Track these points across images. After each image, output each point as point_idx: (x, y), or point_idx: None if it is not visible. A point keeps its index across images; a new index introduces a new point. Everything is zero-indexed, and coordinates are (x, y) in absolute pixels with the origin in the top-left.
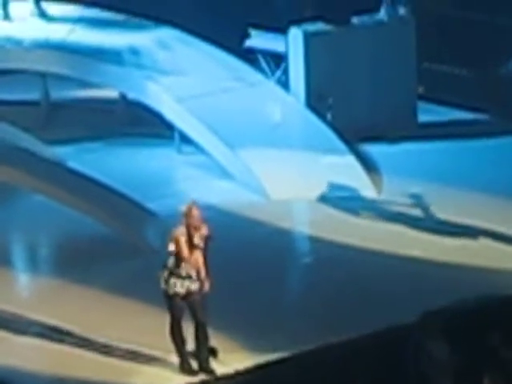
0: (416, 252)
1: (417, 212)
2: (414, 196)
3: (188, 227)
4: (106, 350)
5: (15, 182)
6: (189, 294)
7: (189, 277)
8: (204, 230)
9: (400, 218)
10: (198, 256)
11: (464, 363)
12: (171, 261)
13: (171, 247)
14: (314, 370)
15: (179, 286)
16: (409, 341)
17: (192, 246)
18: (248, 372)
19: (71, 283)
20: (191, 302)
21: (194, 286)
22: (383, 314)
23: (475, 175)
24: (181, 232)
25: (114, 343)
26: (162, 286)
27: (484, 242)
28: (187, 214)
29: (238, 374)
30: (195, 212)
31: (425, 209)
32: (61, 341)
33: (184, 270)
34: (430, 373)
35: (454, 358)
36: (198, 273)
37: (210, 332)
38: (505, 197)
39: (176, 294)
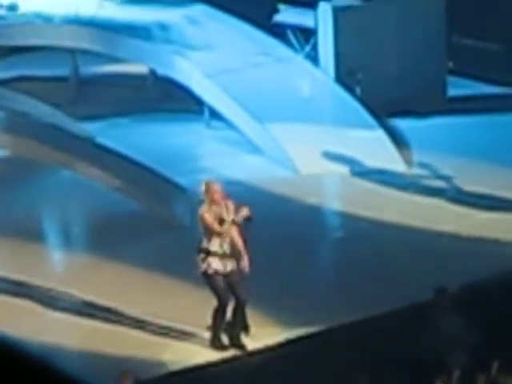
0: (449, 226)
1: (448, 186)
2: (444, 170)
3: (211, 203)
4: (137, 325)
5: (45, 158)
6: (228, 273)
7: (225, 254)
8: (245, 210)
9: (431, 192)
10: (234, 232)
11: (478, 340)
12: (205, 241)
13: (202, 228)
14: (340, 345)
15: (217, 264)
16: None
17: (221, 221)
18: (279, 347)
19: (102, 259)
20: (231, 281)
21: (232, 264)
22: (415, 290)
23: (504, 149)
24: (205, 209)
25: (146, 318)
26: (202, 267)
27: None
28: (207, 190)
29: (268, 348)
30: (214, 187)
31: (455, 182)
32: (94, 316)
33: (219, 247)
34: (443, 350)
35: (467, 335)
36: (235, 250)
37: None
38: None
39: (216, 273)
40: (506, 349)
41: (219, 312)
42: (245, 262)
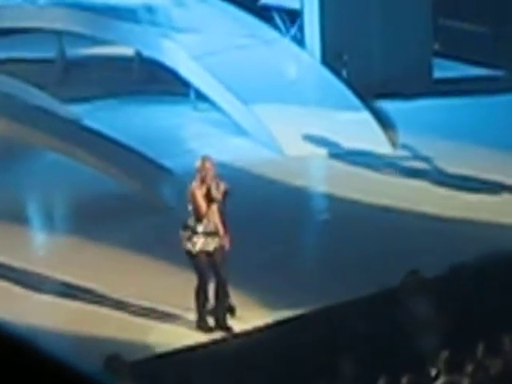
0: (433, 208)
1: (432, 167)
2: (430, 152)
3: (204, 181)
4: (122, 306)
5: (31, 140)
6: (212, 252)
7: (210, 233)
8: (222, 185)
9: (416, 174)
10: (215, 211)
11: (463, 323)
12: (191, 219)
13: (190, 206)
14: (327, 327)
15: (202, 244)
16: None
17: (210, 199)
18: (265, 329)
19: (87, 241)
20: (214, 260)
21: (216, 243)
22: (399, 272)
23: (490, 131)
24: (196, 186)
25: (131, 300)
26: (187, 245)
27: (505, 197)
28: (202, 168)
29: (255, 330)
30: (209, 165)
31: (441, 164)
32: (78, 298)
33: (205, 226)
34: (413, 333)
35: (452, 317)
36: (217, 228)
37: (228, 289)
38: None
39: (201, 252)
40: (491, 331)
41: (201, 290)
42: (226, 241)
